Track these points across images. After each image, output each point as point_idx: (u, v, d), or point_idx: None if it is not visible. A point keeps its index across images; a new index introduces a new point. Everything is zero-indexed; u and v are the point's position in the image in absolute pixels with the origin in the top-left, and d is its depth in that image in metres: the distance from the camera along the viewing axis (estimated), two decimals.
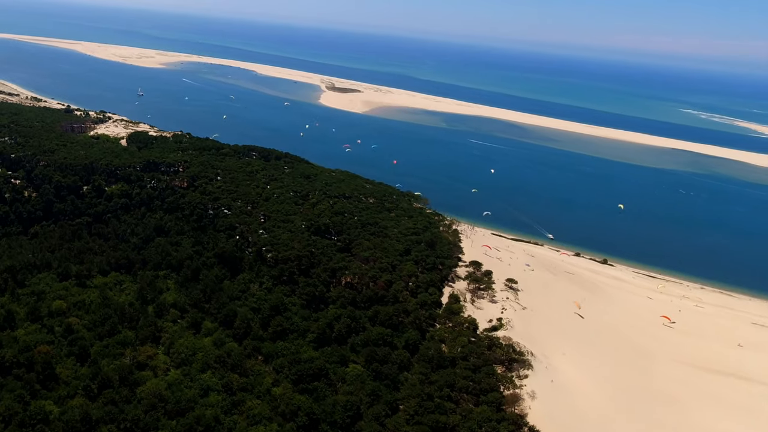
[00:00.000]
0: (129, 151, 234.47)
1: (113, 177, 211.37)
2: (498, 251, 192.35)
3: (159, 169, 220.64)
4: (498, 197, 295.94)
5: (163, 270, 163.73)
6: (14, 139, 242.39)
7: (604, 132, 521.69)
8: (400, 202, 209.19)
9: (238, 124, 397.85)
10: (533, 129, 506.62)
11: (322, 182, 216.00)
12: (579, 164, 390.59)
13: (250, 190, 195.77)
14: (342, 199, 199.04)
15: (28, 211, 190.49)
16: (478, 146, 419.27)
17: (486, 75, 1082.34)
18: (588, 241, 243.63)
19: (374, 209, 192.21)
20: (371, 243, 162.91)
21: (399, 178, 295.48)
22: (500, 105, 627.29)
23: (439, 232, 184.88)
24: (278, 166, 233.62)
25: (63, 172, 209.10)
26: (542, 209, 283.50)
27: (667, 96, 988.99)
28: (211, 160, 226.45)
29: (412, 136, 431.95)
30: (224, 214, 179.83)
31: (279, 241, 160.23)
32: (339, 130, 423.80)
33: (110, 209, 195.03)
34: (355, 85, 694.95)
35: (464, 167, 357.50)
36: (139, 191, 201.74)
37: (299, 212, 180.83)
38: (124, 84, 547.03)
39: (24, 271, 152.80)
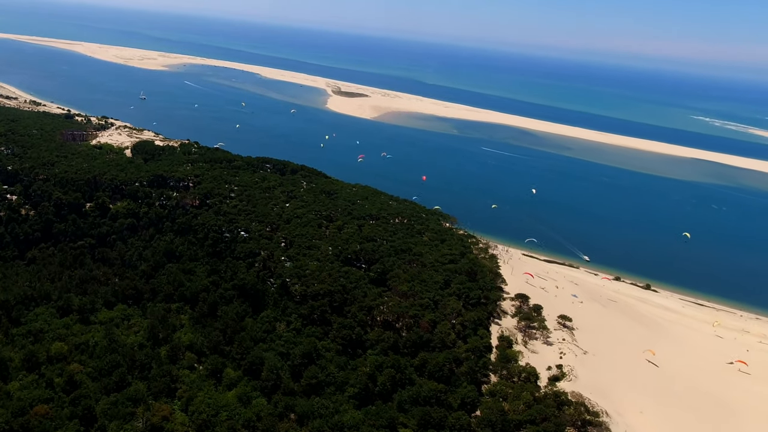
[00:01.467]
0: (135, 164, 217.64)
1: (118, 193, 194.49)
2: (543, 279, 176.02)
3: (167, 184, 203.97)
4: (520, 212, 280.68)
5: (175, 302, 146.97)
6: (11, 150, 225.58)
7: (618, 140, 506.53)
8: (429, 222, 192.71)
9: (246, 131, 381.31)
10: (546, 136, 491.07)
11: (345, 200, 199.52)
12: (598, 174, 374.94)
13: (268, 210, 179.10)
14: (369, 220, 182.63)
15: (25, 231, 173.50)
16: (492, 155, 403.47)
17: (493, 79, 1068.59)
18: (625, 262, 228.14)
19: (405, 232, 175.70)
20: (408, 274, 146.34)
21: (415, 191, 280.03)
22: (510, 111, 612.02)
23: (477, 259, 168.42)
24: (295, 181, 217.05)
25: (63, 187, 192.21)
26: (571, 225, 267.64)
27: (676, 102, 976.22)
28: (224, 175, 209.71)
29: (424, 144, 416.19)
30: (242, 237, 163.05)
31: (306, 272, 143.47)
32: (351, 137, 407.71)
33: (115, 230, 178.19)
34: (362, 89, 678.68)
35: (481, 178, 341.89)
36: (146, 210, 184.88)
37: (325, 237, 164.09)
38: (126, 87, 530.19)
39: (20, 306, 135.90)
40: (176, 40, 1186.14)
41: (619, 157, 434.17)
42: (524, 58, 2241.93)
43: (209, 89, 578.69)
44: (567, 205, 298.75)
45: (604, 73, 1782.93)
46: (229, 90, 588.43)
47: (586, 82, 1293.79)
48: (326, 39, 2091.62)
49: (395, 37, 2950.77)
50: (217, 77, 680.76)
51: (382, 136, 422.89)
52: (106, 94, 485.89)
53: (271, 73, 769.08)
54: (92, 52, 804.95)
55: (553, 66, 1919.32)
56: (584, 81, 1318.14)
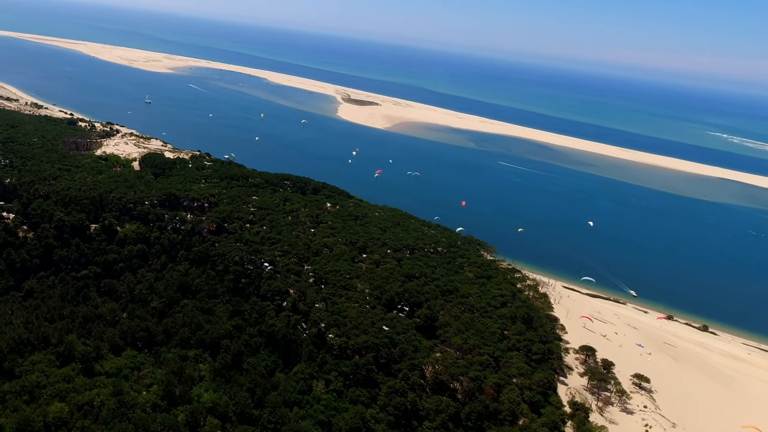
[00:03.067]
0: (144, 180, 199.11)
1: (126, 214, 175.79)
2: (602, 322, 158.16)
3: (180, 203, 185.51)
4: (549, 235, 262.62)
5: (192, 348, 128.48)
6: (9, 160, 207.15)
7: (639, 156, 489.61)
8: (469, 253, 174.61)
9: (257, 141, 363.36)
10: (566, 152, 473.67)
11: (376, 226, 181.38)
12: (626, 195, 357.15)
13: (294, 239, 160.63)
14: (406, 251, 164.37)
15: (22, 258, 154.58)
16: (512, 171, 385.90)
17: (505, 90, 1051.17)
18: (672, 297, 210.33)
19: (446, 267, 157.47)
20: (460, 322, 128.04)
21: (436, 210, 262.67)
22: (525, 123, 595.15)
23: (529, 300, 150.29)
24: (319, 202, 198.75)
25: (66, 206, 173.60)
26: (607, 252, 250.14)
27: (689, 117, 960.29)
28: (242, 195, 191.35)
29: (440, 158, 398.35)
30: (268, 273, 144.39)
31: (345, 319, 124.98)
32: (365, 148, 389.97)
33: (123, 258, 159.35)
34: (372, 97, 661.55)
35: (504, 196, 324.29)
36: (158, 235, 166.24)
37: (361, 273, 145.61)
38: (130, 90, 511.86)
39: (14, 355, 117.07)
40: (181, 42, 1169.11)
41: (644, 175, 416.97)
42: (534, 69, 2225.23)
43: (217, 94, 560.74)
44: (600, 229, 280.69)
45: (614, 86, 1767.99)
46: (237, 95, 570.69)
47: (597, 94, 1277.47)
48: (333, 44, 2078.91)
49: (402, 45, 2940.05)
50: (223, 81, 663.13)
51: (397, 148, 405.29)
52: (111, 97, 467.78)
53: (278, 78, 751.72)
54: (96, 53, 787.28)
55: (563, 77, 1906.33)
56: (595, 93, 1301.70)
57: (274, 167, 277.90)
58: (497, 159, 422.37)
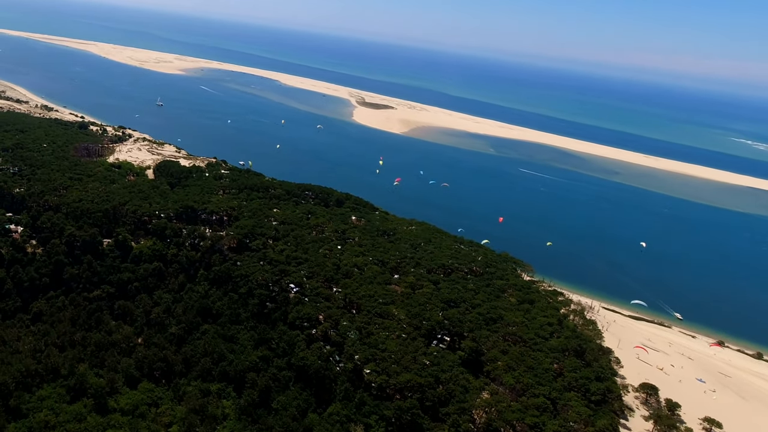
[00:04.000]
0: (160, 191, 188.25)
1: (141, 228, 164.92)
2: (655, 350, 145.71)
3: (198, 216, 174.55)
4: (582, 249, 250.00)
5: (215, 381, 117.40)
6: (18, 169, 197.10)
7: (665, 164, 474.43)
8: (507, 274, 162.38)
9: (273, 146, 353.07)
10: (589, 158, 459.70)
11: (407, 243, 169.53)
12: (656, 205, 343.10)
13: (322, 258, 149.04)
14: (441, 272, 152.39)
15: (30, 277, 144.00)
16: (534, 178, 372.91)
17: (521, 93, 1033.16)
18: (719, 319, 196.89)
19: (487, 291, 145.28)
20: (509, 356, 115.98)
21: (460, 221, 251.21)
22: (544, 128, 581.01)
23: (578, 329, 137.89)
24: (344, 216, 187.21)
25: (77, 219, 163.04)
26: (644, 269, 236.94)
27: (711, 122, 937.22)
28: (264, 208, 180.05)
29: (461, 165, 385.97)
30: (296, 297, 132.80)
31: (383, 353, 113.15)
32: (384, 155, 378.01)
33: (139, 277, 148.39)
34: (387, 100, 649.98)
35: (529, 206, 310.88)
36: (175, 252, 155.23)
37: (396, 298, 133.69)
38: (141, 92, 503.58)
39: (20, 391, 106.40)
40: (191, 43, 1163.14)
41: (671, 183, 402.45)
42: (549, 72, 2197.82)
43: (229, 97, 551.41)
44: (633, 242, 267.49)
45: (632, 89, 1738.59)
46: (250, 98, 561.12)
47: (615, 98, 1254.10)
48: (335, 44, 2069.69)
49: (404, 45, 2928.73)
50: (235, 83, 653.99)
51: (416, 155, 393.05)
52: (122, 99, 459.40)
53: (291, 80, 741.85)
54: (106, 53, 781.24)
55: (579, 80, 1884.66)
56: (613, 97, 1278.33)
57: (292, 175, 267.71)
58: (518, 166, 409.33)
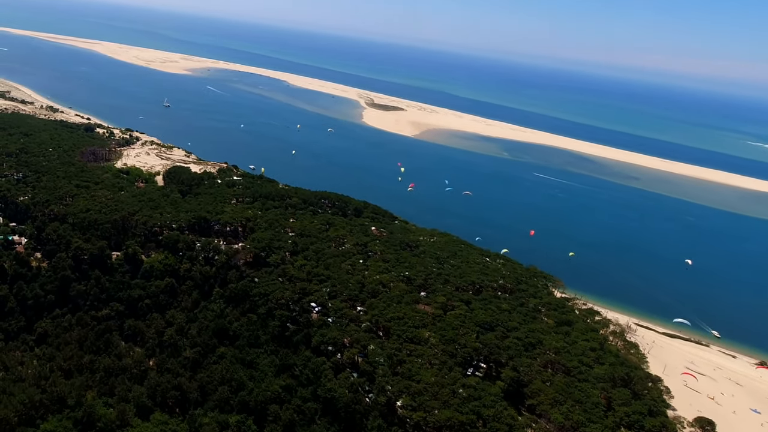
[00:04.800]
0: (170, 199, 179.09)
1: (152, 240, 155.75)
2: (702, 375, 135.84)
3: (212, 227, 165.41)
4: (605, 260, 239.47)
5: (234, 413, 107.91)
6: (22, 175, 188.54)
7: (682, 168, 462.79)
8: (539, 291, 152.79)
9: (284, 150, 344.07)
10: (606, 163, 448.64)
11: (432, 257, 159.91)
12: (679, 212, 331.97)
13: (345, 275, 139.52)
14: (473, 292, 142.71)
15: (34, 294, 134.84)
16: (551, 183, 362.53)
17: (530, 95, 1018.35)
18: (760, 338, 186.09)
19: (521, 311, 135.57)
20: (554, 388, 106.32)
21: (478, 229, 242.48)
22: (557, 131, 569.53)
23: (620, 353, 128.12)
24: (364, 227, 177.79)
25: (84, 231, 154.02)
26: (674, 282, 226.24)
27: (726, 125, 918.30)
28: (280, 219, 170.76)
29: (476, 169, 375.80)
30: (320, 319, 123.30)
31: (418, 384, 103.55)
32: (395, 158, 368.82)
33: (150, 294, 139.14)
34: (396, 101, 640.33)
35: (548, 213, 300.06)
36: (188, 267, 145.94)
37: (427, 321, 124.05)
38: (148, 92, 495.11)
39: (24, 424, 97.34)
40: (197, 42, 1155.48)
41: (693, 189, 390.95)
42: (558, 74, 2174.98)
43: (237, 98, 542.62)
44: (659, 253, 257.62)
45: (641, 91, 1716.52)
46: (258, 99, 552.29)
47: (626, 100, 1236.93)
48: (347, 45, 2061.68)
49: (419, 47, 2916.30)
50: (243, 84, 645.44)
51: (429, 159, 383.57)
52: (129, 100, 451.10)
53: (298, 80, 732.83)
54: (112, 53, 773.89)
55: (588, 82, 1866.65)
56: (623, 99, 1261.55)
57: (305, 180, 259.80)
58: (532, 170, 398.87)
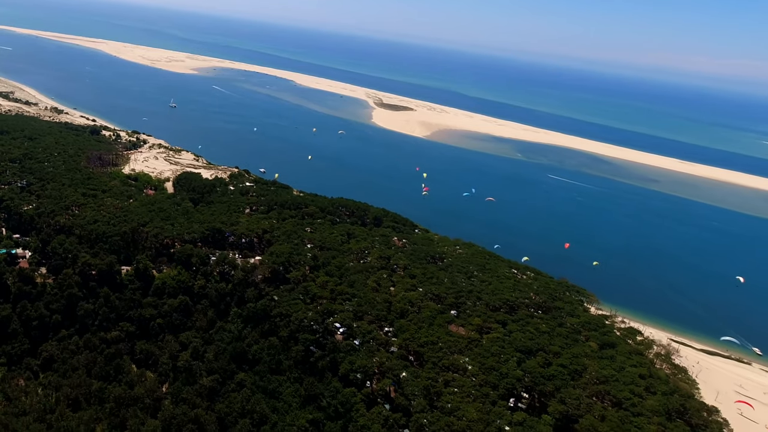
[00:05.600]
0: (182, 208, 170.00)
1: (164, 254, 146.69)
2: (753, 399, 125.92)
3: (226, 239, 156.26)
4: (634, 272, 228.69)
5: None
6: (26, 183, 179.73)
7: (701, 170, 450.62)
8: (576, 309, 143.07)
9: (294, 151, 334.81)
10: (623, 165, 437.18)
11: (460, 271, 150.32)
12: (703, 217, 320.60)
13: (370, 294, 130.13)
14: (507, 311, 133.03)
15: (39, 314, 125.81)
16: (568, 186, 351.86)
17: (542, 94, 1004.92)
18: None
19: (561, 332, 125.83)
20: (608, 425, 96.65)
21: (495, 235, 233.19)
22: (570, 131, 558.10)
23: (669, 378, 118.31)
24: (386, 238, 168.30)
25: (92, 244, 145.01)
26: (705, 292, 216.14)
27: (741, 125, 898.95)
28: (297, 229, 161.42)
29: (489, 170, 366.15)
30: (348, 344, 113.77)
31: (460, 421, 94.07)
32: (407, 160, 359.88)
33: (163, 313, 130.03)
34: (405, 101, 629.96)
35: (567, 217, 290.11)
36: (203, 283, 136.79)
37: (463, 345, 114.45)
38: (154, 92, 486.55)
39: None
40: (202, 41, 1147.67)
41: (715, 192, 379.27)
42: (568, 72, 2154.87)
43: (244, 98, 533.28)
44: (687, 260, 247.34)
45: (654, 90, 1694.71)
46: (265, 99, 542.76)
47: (641, 100, 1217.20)
48: (352, 44, 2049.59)
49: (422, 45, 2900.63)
50: (249, 83, 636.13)
51: (442, 160, 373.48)
52: (134, 100, 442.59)
53: (305, 80, 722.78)
54: (117, 52, 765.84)
55: (601, 81, 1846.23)
56: (639, 99, 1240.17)
57: (318, 184, 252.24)
58: (547, 172, 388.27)
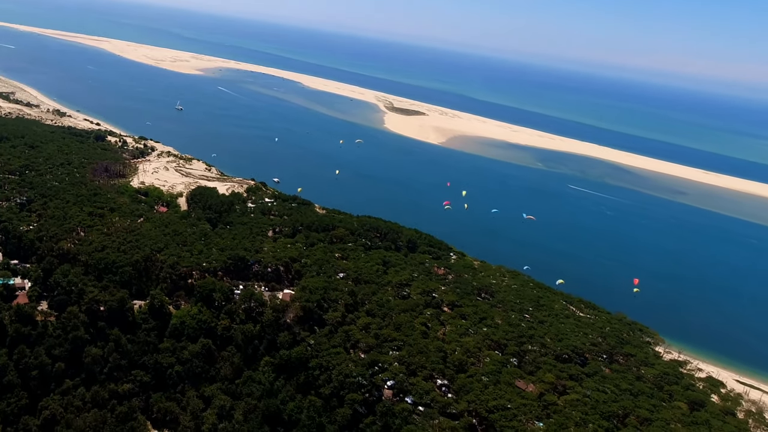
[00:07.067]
0: (199, 231, 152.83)
1: (181, 286, 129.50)
2: None
3: (250, 268, 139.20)
4: (679, 297, 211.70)
5: None
6: (26, 199, 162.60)
7: (729, 181, 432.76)
8: (648, 356, 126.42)
9: (308, 160, 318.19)
10: (648, 176, 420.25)
11: (513, 309, 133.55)
12: (738, 234, 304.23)
13: (420, 339, 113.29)
14: (576, 360, 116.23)
15: (40, 362, 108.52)
16: (593, 198, 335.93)
17: (556, 99, 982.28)
18: None
19: (645, 391, 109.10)
20: None
21: (525, 254, 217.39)
22: (588, 138, 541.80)
23: None
24: (425, 266, 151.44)
25: (100, 275, 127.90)
26: (751, 319, 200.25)
27: (761, 133, 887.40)
28: (329, 258, 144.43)
29: (510, 181, 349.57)
30: (404, 407, 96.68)
31: None
32: (424, 168, 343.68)
33: (182, 360, 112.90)
34: (416, 105, 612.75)
35: (599, 233, 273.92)
36: (227, 324, 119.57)
37: (537, 410, 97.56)
38: (159, 94, 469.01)
39: None
40: (206, 41, 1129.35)
41: (747, 206, 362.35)
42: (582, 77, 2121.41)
43: (252, 100, 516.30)
44: (731, 283, 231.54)
45: (675, 97, 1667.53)
46: (274, 102, 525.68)
47: (659, 106, 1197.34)
48: (358, 45, 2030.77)
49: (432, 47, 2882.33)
50: (256, 85, 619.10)
51: (461, 170, 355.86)
52: (139, 102, 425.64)
53: (313, 82, 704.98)
54: (120, 51, 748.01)
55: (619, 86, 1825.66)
56: (657, 105, 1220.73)
57: (337, 196, 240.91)
58: (568, 182, 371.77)
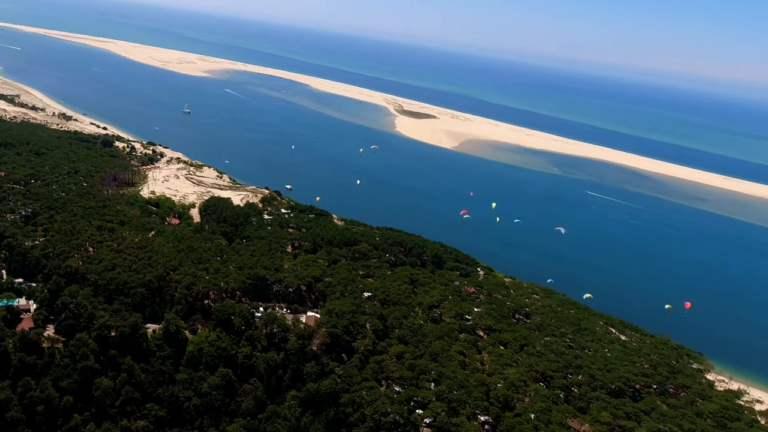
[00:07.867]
0: (215, 247, 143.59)
1: (198, 309, 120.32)
2: None
3: (269, 287, 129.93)
4: (715, 313, 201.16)
5: None
6: (31, 211, 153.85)
7: (751, 188, 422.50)
8: (704, 387, 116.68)
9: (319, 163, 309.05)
10: (668, 181, 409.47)
11: (556, 334, 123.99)
12: (764, 243, 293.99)
13: (459, 371, 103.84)
14: (628, 394, 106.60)
15: (47, 396, 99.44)
16: (614, 205, 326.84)
17: (568, 102, 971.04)
18: None
19: (708, 429, 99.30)
20: None
21: (548, 266, 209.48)
22: (603, 143, 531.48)
23: None
24: (455, 286, 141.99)
25: (110, 297, 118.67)
26: None
27: None
28: (354, 277, 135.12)
29: (526, 187, 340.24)
30: None
31: None
32: (437, 174, 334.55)
33: (200, 392, 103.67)
34: (426, 108, 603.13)
35: (624, 244, 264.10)
36: (248, 352, 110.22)
37: None
38: (166, 97, 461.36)
39: None
40: (213, 42, 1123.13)
41: None
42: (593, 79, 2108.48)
43: (260, 103, 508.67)
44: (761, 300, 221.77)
45: (685, 100, 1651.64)
46: (282, 104, 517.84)
47: (667, 108, 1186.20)
48: (363, 46, 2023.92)
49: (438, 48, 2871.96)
50: (263, 87, 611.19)
51: (477, 176, 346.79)
52: (146, 105, 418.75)
53: (321, 84, 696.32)
54: (126, 52, 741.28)
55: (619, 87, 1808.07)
56: (670, 108, 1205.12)
57: (353, 204, 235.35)
58: (587, 188, 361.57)
